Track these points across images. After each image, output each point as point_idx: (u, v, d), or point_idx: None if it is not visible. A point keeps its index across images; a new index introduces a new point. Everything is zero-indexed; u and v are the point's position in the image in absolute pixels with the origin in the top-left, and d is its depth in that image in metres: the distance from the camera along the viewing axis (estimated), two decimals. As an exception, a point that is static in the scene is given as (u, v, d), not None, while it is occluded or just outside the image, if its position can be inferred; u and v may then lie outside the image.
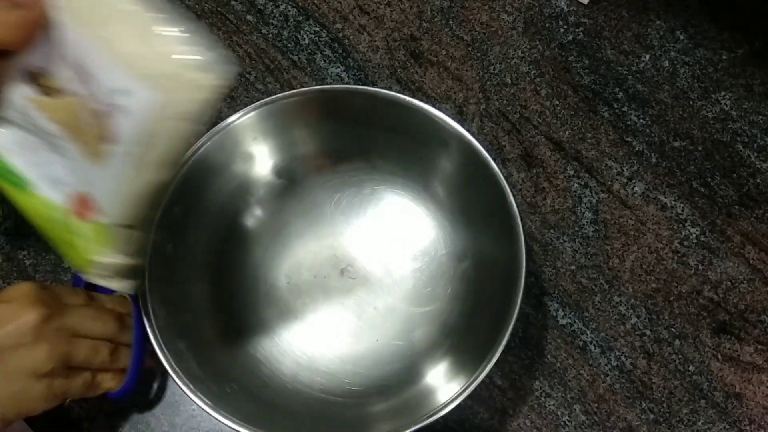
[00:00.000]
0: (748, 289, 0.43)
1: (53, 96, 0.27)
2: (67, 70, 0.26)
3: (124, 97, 0.25)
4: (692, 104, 0.47)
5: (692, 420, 0.40)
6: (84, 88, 0.26)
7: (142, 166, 0.27)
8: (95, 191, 0.29)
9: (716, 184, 0.45)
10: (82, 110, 0.27)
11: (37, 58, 0.27)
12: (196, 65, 0.25)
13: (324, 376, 0.40)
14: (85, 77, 0.26)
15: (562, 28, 0.50)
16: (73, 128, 0.28)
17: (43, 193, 0.30)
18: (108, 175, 0.28)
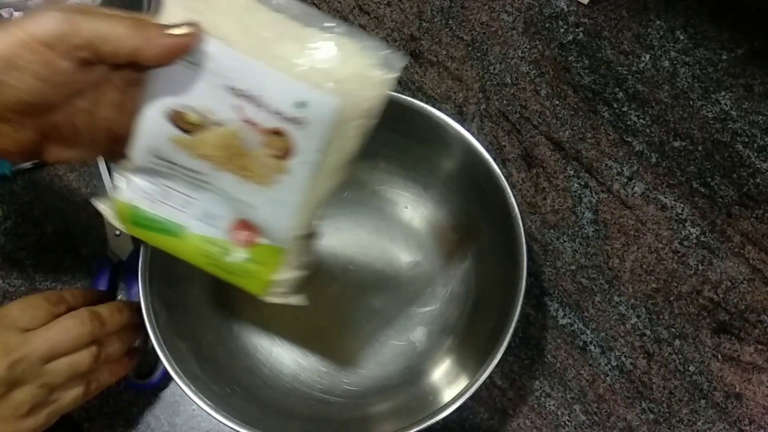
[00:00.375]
0: (748, 289, 0.43)
1: (195, 133, 0.27)
2: (223, 100, 0.26)
3: (299, 109, 0.26)
4: (692, 104, 0.47)
5: (692, 420, 0.40)
6: (248, 112, 0.26)
7: (322, 173, 0.27)
8: (257, 214, 0.28)
9: (716, 184, 0.45)
10: (241, 137, 0.27)
11: (180, 97, 0.27)
12: (371, 63, 0.25)
13: (324, 377, 0.40)
14: (250, 102, 0.26)
15: (562, 28, 0.50)
16: (226, 158, 0.27)
17: (198, 232, 0.29)
18: (280, 192, 0.27)
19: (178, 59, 0.25)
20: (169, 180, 0.29)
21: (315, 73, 0.25)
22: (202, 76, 0.26)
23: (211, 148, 0.27)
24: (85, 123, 0.27)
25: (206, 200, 0.29)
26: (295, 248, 0.29)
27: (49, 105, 0.25)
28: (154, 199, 0.29)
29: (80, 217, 0.46)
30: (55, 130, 0.26)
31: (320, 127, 0.26)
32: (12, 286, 0.44)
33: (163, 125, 0.27)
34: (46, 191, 0.47)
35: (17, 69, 0.24)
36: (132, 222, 0.30)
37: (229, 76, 0.26)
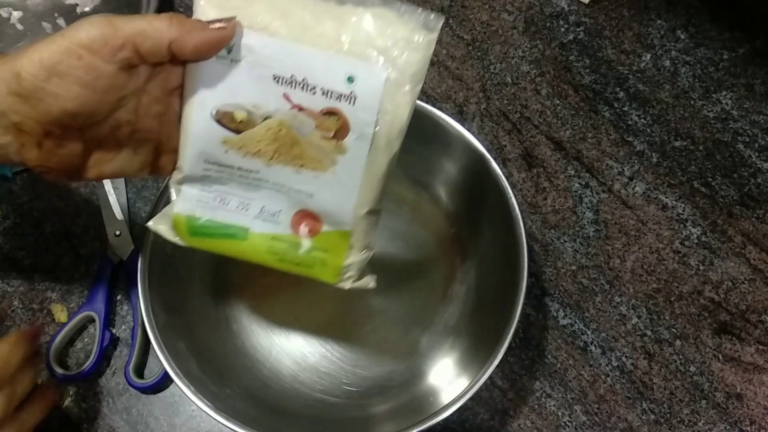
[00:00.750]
0: (749, 290, 0.43)
1: (245, 130, 0.27)
2: (268, 91, 0.26)
3: (348, 85, 0.26)
4: (693, 104, 0.47)
5: (693, 420, 0.40)
6: (296, 98, 0.26)
7: (378, 146, 0.27)
8: (316, 202, 0.28)
9: (717, 184, 0.45)
10: (292, 125, 0.27)
11: (225, 96, 0.26)
12: (410, 27, 0.25)
13: (323, 377, 0.40)
14: (296, 87, 0.26)
15: (563, 27, 0.50)
16: (278, 151, 0.27)
17: (262, 230, 0.29)
18: (340, 173, 0.27)
19: (217, 52, 0.25)
20: (223, 184, 0.28)
21: (358, 46, 0.25)
22: (244, 71, 0.26)
23: (263, 143, 0.27)
24: (127, 136, 0.27)
25: (264, 198, 0.29)
26: (360, 228, 0.29)
27: (92, 115, 0.25)
28: (211, 206, 0.29)
29: (79, 217, 0.46)
30: (97, 144, 0.26)
31: (371, 99, 0.26)
32: (11, 287, 0.44)
33: (211, 128, 0.27)
34: (46, 191, 0.46)
35: (60, 76, 0.23)
36: (190, 233, 0.30)
37: (272, 65, 0.26)
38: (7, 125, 0.24)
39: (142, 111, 0.27)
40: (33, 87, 0.23)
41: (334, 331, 0.42)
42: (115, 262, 0.43)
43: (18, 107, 0.24)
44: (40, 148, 0.25)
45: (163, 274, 0.37)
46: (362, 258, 0.30)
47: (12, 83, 0.23)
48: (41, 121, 0.24)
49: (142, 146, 0.27)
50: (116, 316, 0.43)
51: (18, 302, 0.44)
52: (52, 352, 0.41)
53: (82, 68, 0.24)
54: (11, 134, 0.24)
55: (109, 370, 0.42)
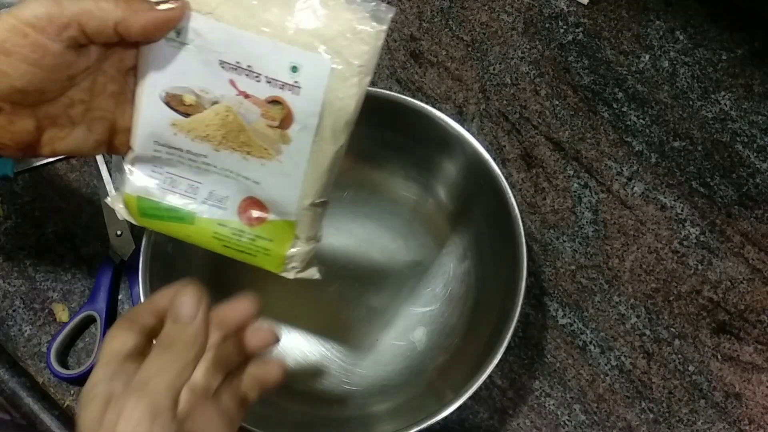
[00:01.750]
0: (748, 289, 0.43)
1: (193, 114, 0.27)
2: (216, 76, 0.26)
3: (292, 74, 0.25)
4: (692, 104, 0.47)
5: (692, 420, 0.40)
6: (242, 85, 0.26)
7: (323, 137, 0.26)
8: (262, 190, 0.28)
9: (716, 184, 0.45)
10: (239, 112, 0.26)
11: (173, 79, 0.26)
12: (359, 17, 0.25)
13: (324, 376, 0.40)
14: (242, 73, 0.26)
15: (562, 28, 0.50)
16: (226, 136, 0.27)
17: (208, 216, 0.29)
18: (285, 163, 0.27)
19: (165, 34, 0.25)
20: (173, 167, 0.28)
21: (303, 35, 0.25)
22: (192, 55, 0.26)
23: (210, 128, 0.27)
24: (81, 114, 0.27)
25: (212, 183, 0.28)
26: (305, 219, 0.29)
27: (42, 92, 0.25)
28: (161, 188, 0.29)
29: (81, 217, 0.46)
30: (51, 121, 0.26)
31: (315, 91, 0.26)
32: (12, 286, 0.44)
33: (161, 110, 0.27)
34: (47, 191, 0.47)
35: (7, 54, 0.23)
36: (141, 214, 0.30)
37: (219, 51, 0.26)
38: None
39: (98, 90, 0.27)
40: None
41: (334, 330, 0.42)
42: (117, 262, 0.44)
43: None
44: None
45: (164, 273, 0.37)
46: (307, 249, 0.29)
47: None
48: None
49: (97, 125, 0.27)
50: (117, 316, 0.43)
51: (19, 302, 0.44)
52: (53, 351, 0.41)
53: (28, 46, 0.24)
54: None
55: (110, 369, 0.42)
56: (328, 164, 0.27)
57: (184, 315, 0.25)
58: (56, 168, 0.47)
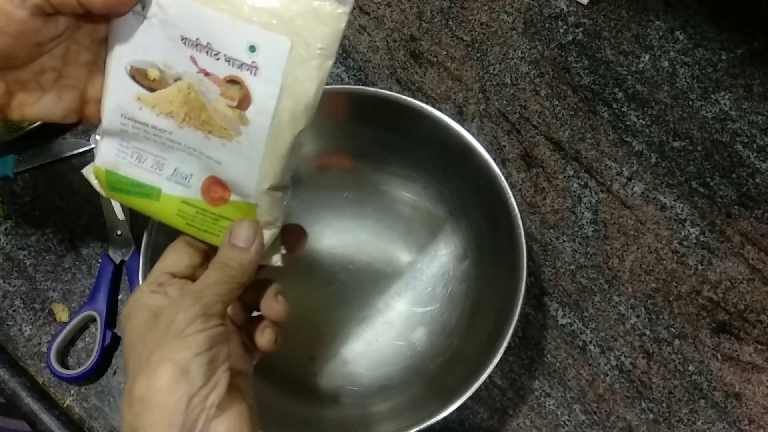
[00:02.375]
0: (748, 289, 0.43)
1: (157, 89, 0.26)
2: (178, 52, 0.25)
3: (250, 54, 0.25)
4: (692, 104, 0.47)
5: (692, 420, 0.40)
6: (202, 62, 0.25)
7: (281, 121, 0.26)
8: (224, 170, 0.27)
9: (716, 184, 0.45)
10: (199, 90, 0.26)
11: (138, 52, 0.26)
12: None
13: (324, 376, 0.40)
14: (202, 51, 0.25)
15: (562, 28, 0.50)
16: (188, 114, 0.26)
17: (173, 192, 0.29)
18: (244, 145, 0.26)
19: (129, 9, 0.25)
20: (139, 141, 0.28)
21: (262, 13, 0.24)
22: (156, 29, 0.25)
23: (174, 104, 0.26)
24: (51, 81, 0.27)
25: (176, 160, 0.28)
26: (264, 203, 0.28)
27: (9, 58, 0.25)
28: (128, 162, 0.29)
29: (81, 217, 0.46)
30: (20, 87, 0.26)
31: (273, 72, 0.25)
32: (12, 286, 0.44)
33: (126, 83, 0.27)
34: (47, 191, 0.47)
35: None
36: (110, 187, 0.30)
37: (180, 26, 0.25)
38: None
39: (70, 58, 0.27)
40: None
41: (333, 330, 0.42)
42: (117, 262, 0.44)
43: None
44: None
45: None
46: (267, 235, 0.29)
47: None
48: None
49: (67, 93, 0.27)
50: (117, 316, 0.43)
51: (19, 302, 0.44)
52: (53, 351, 0.41)
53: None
54: None
55: (111, 369, 0.42)
56: (286, 149, 0.27)
57: (242, 242, 0.27)
58: (56, 168, 0.47)
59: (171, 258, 0.28)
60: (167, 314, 0.25)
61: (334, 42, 0.25)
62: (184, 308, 0.24)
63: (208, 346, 0.24)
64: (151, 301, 0.26)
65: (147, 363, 0.24)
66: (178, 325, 0.24)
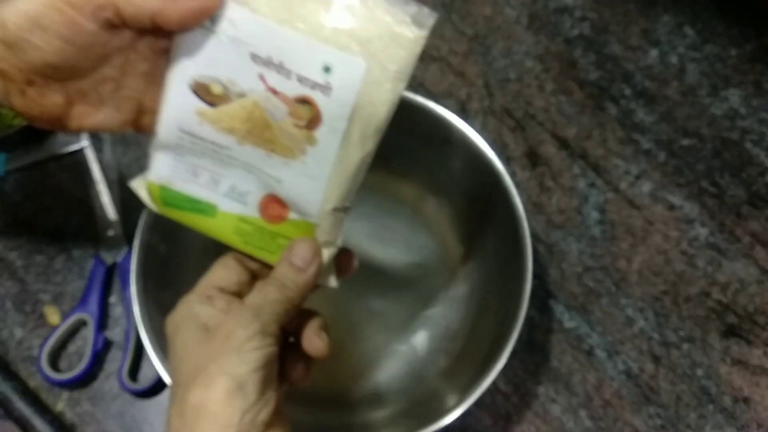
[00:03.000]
0: (758, 291, 0.42)
1: (219, 105, 0.26)
2: (245, 69, 0.25)
3: (324, 74, 0.25)
4: (701, 101, 0.46)
5: (700, 425, 0.39)
6: (272, 81, 0.25)
7: (350, 141, 0.26)
8: (285, 188, 0.27)
9: (725, 183, 0.44)
10: (266, 108, 0.26)
11: (203, 67, 0.26)
12: (398, 20, 0.24)
13: (323, 381, 0.39)
14: (272, 69, 0.25)
15: (568, 22, 0.49)
16: (250, 131, 0.26)
17: (229, 210, 0.28)
18: (309, 164, 0.26)
19: (201, 23, 0.25)
20: (196, 156, 0.28)
21: (339, 34, 0.24)
22: (224, 45, 0.25)
23: (236, 121, 0.26)
24: (111, 92, 0.27)
25: (234, 176, 0.28)
26: (325, 224, 0.28)
27: (74, 69, 0.26)
28: (183, 177, 0.28)
29: (72, 217, 0.45)
30: (80, 97, 0.27)
31: (346, 93, 0.25)
32: (3, 288, 0.43)
33: (187, 97, 0.26)
34: (38, 191, 0.45)
35: (42, 29, 0.24)
36: (164, 203, 0.29)
37: (252, 43, 0.25)
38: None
39: (129, 68, 0.27)
40: (17, 38, 0.24)
41: (334, 334, 0.41)
42: (109, 264, 0.43)
43: (3, 55, 0.24)
44: (24, 95, 0.25)
45: (157, 275, 0.36)
46: (326, 255, 0.29)
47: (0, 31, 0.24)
48: (24, 70, 0.25)
49: (125, 103, 0.28)
50: (110, 319, 0.42)
51: (10, 304, 0.43)
52: (44, 354, 0.40)
53: (63, 23, 0.24)
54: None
55: (103, 373, 0.41)
56: (353, 170, 0.27)
57: (301, 261, 0.27)
58: (47, 167, 0.46)
59: (220, 273, 0.28)
60: (226, 327, 0.25)
61: (410, 65, 0.25)
62: (243, 324, 0.25)
63: (263, 364, 0.25)
64: (201, 312, 0.26)
65: (204, 373, 0.24)
66: (237, 340, 0.24)
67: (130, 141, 0.47)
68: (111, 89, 0.27)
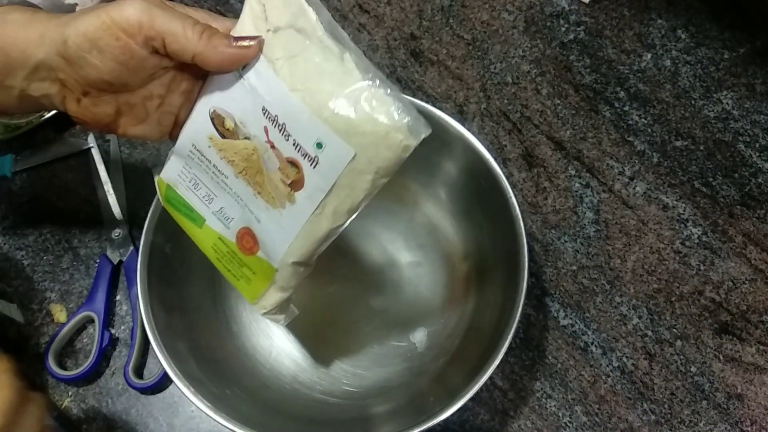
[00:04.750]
0: (750, 290, 0.43)
1: (228, 138, 0.29)
2: (255, 117, 0.28)
3: (316, 149, 0.27)
4: (694, 104, 0.47)
5: (694, 421, 0.40)
6: (273, 136, 0.27)
7: (323, 213, 0.28)
8: (261, 228, 0.30)
9: (718, 183, 0.45)
10: (262, 156, 0.28)
11: (223, 102, 0.28)
12: (396, 125, 0.25)
13: (323, 378, 0.40)
14: (276, 126, 0.27)
15: (564, 26, 0.49)
16: (247, 169, 0.29)
17: (214, 227, 0.31)
18: (285, 218, 0.28)
19: (237, 68, 0.28)
20: (199, 172, 0.31)
21: (339, 120, 0.26)
22: (244, 90, 0.28)
23: (237, 157, 0.29)
24: (156, 107, 0.29)
25: (225, 201, 0.30)
26: (284, 272, 0.30)
27: (126, 85, 0.28)
28: (185, 185, 0.31)
29: (79, 217, 0.45)
30: (129, 109, 0.29)
31: (330, 171, 0.27)
32: (10, 287, 0.44)
33: (206, 122, 0.29)
34: (45, 191, 0.46)
35: (100, 50, 0.26)
36: (166, 199, 0.33)
37: (266, 99, 0.27)
38: (54, 78, 0.28)
39: (174, 86, 0.29)
40: (77, 55, 0.26)
41: (334, 331, 0.42)
42: (115, 263, 0.43)
43: (63, 67, 0.27)
44: (79, 103, 0.28)
45: (162, 274, 0.37)
46: (278, 297, 0.31)
47: (60, 47, 0.26)
48: (81, 83, 0.27)
49: (166, 118, 0.30)
50: (115, 317, 0.43)
51: (17, 302, 0.44)
52: (51, 352, 0.41)
53: (118, 48, 0.26)
54: (57, 86, 0.28)
55: (109, 370, 0.42)
56: (320, 236, 0.29)
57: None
58: (54, 168, 0.47)
59: None
60: None
61: (394, 166, 0.27)
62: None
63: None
64: None
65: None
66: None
67: (136, 143, 0.48)
68: (157, 104, 0.29)
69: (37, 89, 0.28)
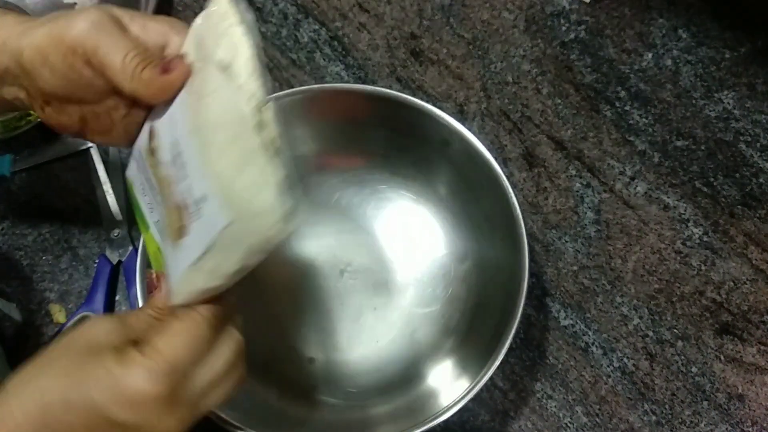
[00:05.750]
0: (751, 290, 0.42)
1: (154, 156, 0.28)
2: (168, 144, 0.27)
3: (199, 202, 0.25)
4: (695, 103, 0.47)
5: (695, 422, 0.40)
6: (173, 170, 0.27)
7: (201, 268, 0.26)
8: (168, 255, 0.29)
9: (719, 183, 0.45)
10: (169, 185, 0.27)
11: (157, 121, 0.28)
12: (271, 209, 0.23)
13: (324, 378, 0.40)
14: (177, 162, 0.26)
15: (564, 26, 0.49)
16: (162, 193, 0.28)
17: (153, 235, 0.31)
18: (177, 255, 0.27)
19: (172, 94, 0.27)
20: (145, 179, 0.30)
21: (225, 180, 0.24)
22: (170, 116, 0.27)
23: (156, 177, 0.28)
24: (122, 116, 0.29)
25: (159, 214, 0.30)
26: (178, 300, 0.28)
27: (81, 100, 0.28)
28: (138, 187, 0.31)
29: (78, 217, 0.45)
30: (94, 117, 0.29)
31: (207, 230, 0.25)
32: (9, 287, 0.44)
33: (146, 134, 0.29)
34: (44, 191, 0.46)
35: (50, 66, 0.26)
36: (129, 195, 0.33)
37: (179, 131, 0.26)
38: (19, 85, 0.28)
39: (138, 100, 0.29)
40: (31, 68, 0.26)
41: (333, 331, 0.42)
42: (114, 263, 0.43)
43: (23, 77, 0.27)
44: (43, 111, 0.28)
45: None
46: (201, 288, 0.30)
47: (18, 57, 0.26)
48: (40, 93, 0.27)
49: (133, 127, 0.30)
50: (115, 317, 0.43)
51: (16, 302, 0.43)
52: (50, 352, 0.41)
53: (66, 66, 0.26)
54: (24, 92, 0.28)
55: (108, 371, 0.42)
56: (197, 289, 0.26)
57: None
58: (53, 168, 0.47)
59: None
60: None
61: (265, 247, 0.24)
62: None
63: None
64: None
65: None
66: None
67: (135, 143, 0.48)
68: (122, 114, 0.29)
69: (8, 93, 0.28)
